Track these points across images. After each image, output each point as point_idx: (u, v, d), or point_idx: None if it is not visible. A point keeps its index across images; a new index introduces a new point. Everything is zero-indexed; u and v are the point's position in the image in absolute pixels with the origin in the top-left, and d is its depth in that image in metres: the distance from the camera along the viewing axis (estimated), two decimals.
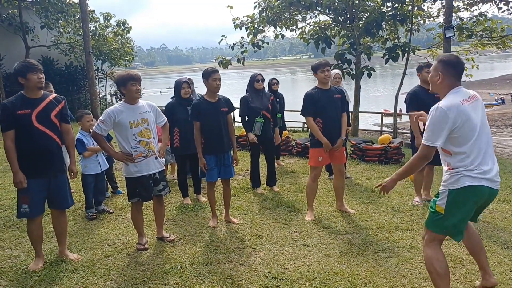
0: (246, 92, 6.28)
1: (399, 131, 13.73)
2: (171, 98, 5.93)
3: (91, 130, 4.62)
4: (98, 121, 4.12)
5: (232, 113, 5.04)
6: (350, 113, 6.74)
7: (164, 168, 4.47)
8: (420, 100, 5.14)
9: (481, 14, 11.70)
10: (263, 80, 6.26)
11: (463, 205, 2.92)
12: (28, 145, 3.71)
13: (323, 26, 12.87)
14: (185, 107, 5.57)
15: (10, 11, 16.17)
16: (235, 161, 4.92)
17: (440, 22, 11.92)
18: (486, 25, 11.62)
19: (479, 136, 2.91)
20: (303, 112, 5.09)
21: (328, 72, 4.96)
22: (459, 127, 2.85)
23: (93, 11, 17.89)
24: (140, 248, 4.26)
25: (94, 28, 17.83)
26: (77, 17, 16.89)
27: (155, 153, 4.20)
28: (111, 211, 5.44)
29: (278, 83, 7.71)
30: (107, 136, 5.35)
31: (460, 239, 3.05)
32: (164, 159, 4.43)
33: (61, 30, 17.32)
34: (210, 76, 4.64)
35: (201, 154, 4.72)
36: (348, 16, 12.08)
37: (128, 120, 4.06)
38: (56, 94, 3.94)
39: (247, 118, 6.21)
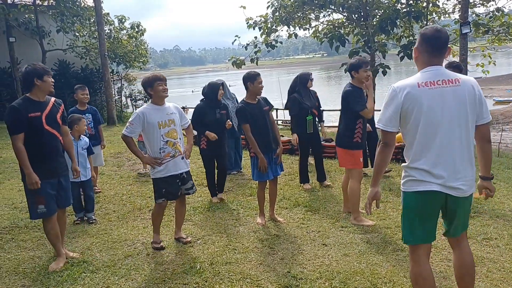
0: (294, 92, 6.29)
1: None
2: (200, 101, 6.04)
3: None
4: (128, 123, 4.15)
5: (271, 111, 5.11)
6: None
7: (189, 168, 4.48)
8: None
9: (498, 9, 11.50)
10: (313, 79, 6.39)
11: None
12: (39, 147, 3.80)
13: (336, 25, 12.82)
14: (214, 109, 5.82)
15: (26, 16, 16.49)
16: (279, 157, 4.92)
17: (455, 19, 11.78)
18: (503, 21, 11.43)
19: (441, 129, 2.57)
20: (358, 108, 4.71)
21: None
22: (407, 112, 2.57)
23: (108, 14, 18.12)
24: (156, 247, 4.29)
25: (109, 31, 18.04)
26: (92, 21, 17.13)
27: (181, 153, 4.25)
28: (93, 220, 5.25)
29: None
30: (89, 149, 5.38)
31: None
32: (189, 160, 4.46)
33: (77, 34, 17.58)
34: (256, 80, 4.72)
35: (261, 155, 4.68)
36: (362, 14, 12.00)
37: (157, 121, 4.11)
38: (55, 98, 4.03)
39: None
